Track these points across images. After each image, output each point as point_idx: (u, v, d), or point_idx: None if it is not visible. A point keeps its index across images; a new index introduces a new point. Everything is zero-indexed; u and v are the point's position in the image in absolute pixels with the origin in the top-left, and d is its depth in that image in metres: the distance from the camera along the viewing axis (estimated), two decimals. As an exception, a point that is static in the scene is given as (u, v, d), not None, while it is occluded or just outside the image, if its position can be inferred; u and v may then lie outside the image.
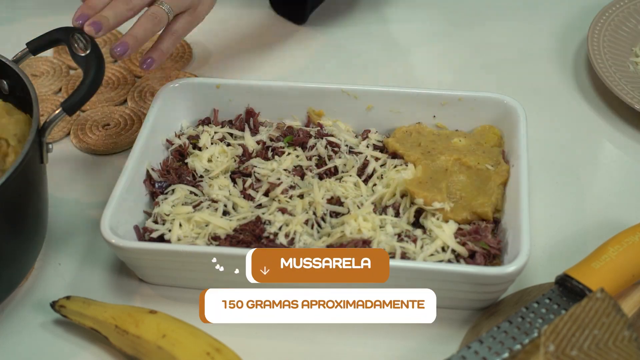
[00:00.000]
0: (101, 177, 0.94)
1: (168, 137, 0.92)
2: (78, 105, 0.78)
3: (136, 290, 0.82)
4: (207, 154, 0.89)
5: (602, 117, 1.01)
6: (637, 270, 0.75)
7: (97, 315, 0.76)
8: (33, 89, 0.79)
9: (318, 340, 0.77)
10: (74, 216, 0.89)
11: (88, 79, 0.78)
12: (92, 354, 0.77)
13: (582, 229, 0.87)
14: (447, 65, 1.09)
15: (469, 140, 0.90)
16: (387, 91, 0.91)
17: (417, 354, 0.76)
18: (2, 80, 0.83)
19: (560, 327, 0.68)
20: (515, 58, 1.10)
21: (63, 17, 1.15)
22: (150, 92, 1.04)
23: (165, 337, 0.72)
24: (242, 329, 0.76)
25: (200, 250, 0.77)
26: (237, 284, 0.75)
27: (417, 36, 1.14)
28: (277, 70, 1.08)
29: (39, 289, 0.82)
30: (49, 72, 1.08)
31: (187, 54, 1.11)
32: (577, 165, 0.94)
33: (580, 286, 0.73)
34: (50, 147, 0.79)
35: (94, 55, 0.80)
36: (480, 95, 0.91)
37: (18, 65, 0.81)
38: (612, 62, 1.03)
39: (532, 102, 0.97)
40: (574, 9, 1.17)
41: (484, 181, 0.85)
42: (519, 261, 0.73)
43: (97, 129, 0.99)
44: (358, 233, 0.80)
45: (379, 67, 1.10)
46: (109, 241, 0.76)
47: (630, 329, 0.68)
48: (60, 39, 0.83)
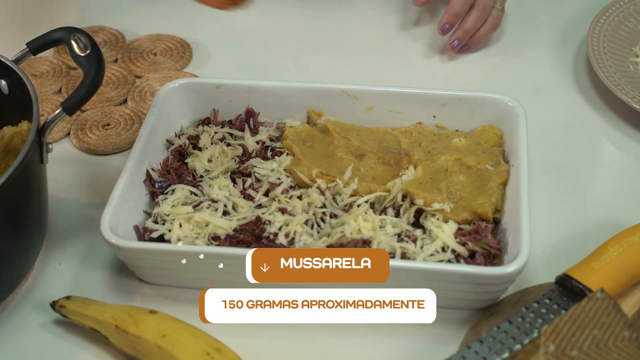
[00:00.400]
0: (101, 177, 0.94)
1: (168, 137, 0.92)
2: (78, 105, 0.78)
3: (136, 290, 0.82)
4: (207, 154, 0.89)
5: (602, 117, 1.01)
6: (637, 270, 0.75)
7: (97, 315, 0.76)
8: (33, 89, 0.79)
9: (318, 340, 0.77)
10: (74, 216, 0.89)
11: (88, 79, 0.78)
12: (92, 354, 0.77)
13: (582, 229, 0.87)
14: (447, 65, 1.09)
15: (469, 140, 0.90)
16: (387, 91, 0.91)
17: (417, 354, 0.76)
18: (2, 80, 0.82)
19: (560, 327, 0.68)
20: (516, 58, 1.10)
21: (62, 17, 1.15)
22: (150, 92, 1.04)
23: (165, 337, 0.72)
24: (242, 329, 0.76)
25: (200, 250, 0.77)
26: (237, 284, 0.75)
27: (417, 35, 1.14)
28: (277, 70, 1.08)
29: (39, 289, 0.82)
30: (49, 72, 1.08)
31: (187, 54, 1.11)
32: (577, 165, 0.94)
33: (580, 286, 0.73)
34: (50, 147, 0.79)
35: (94, 55, 0.80)
36: (480, 95, 0.91)
37: (18, 65, 0.81)
38: (612, 62, 1.03)
39: (532, 102, 0.97)
40: (574, 9, 1.17)
41: (484, 181, 0.85)
42: (519, 261, 0.73)
43: (97, 129, 0.99)
44: (358, 233, 0.80)
45: (379, 67, 1.10)
46: (109, 241, 0.76)
47: (630, 329, 0.68)
48: (61, 39, 0.83)
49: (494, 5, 1.07)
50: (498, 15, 1.08)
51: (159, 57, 1.10)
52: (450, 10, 1.06)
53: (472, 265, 0.75)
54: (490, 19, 1.07)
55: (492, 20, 1.07)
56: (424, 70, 1.09)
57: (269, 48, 1.12)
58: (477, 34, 1.07)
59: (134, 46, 1.12)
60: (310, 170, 0.85)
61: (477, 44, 1.08)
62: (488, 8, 1.06)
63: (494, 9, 1.07)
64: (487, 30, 1.08)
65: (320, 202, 0.83)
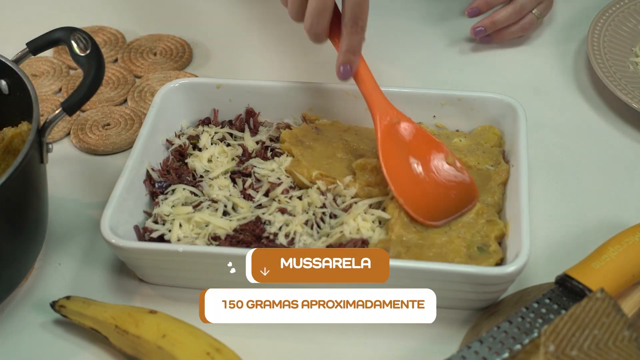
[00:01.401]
0: (101, 177, 0.94)
1: (168, 137, 0.92)
2: (78, 105, 0.78)
3: (136, 290, 0.82)
4: (207, 154, 0.89)
5: (602, 117, 1.01)
6: (637, 270, 0.75)
7: (97, 315, 0.76)
8: (33, 89, 0.79)
9: (318, 340, 0.77)
10: (74, 216, 0.89)
11: (88, 79, 0.78)
12: (92, 354, 0.77)
13: (582, 229, 0.87)
14: (447, 65, 1.09)
15: (469, 140, 0.90)
16: (387, 91, 0.91)
17: (417, 354, 0.76)
18: (2, 80, 0.82)
19: (560, 327, 0.68)
20: (516, 58, 1.10)
21: (62, 17, 1.15)
22: (150, 92, 1.04)
23: (165, 337, 0.72)
24: (242, 329, 0.76)
25: (200, 250, 0.77)
26: (237, 284, 0.75)
27: (417, 35, 1.14)
28: (277, 70, 1.08)
29: (39, 289, 0.82)
30: (49, 72, 1.08)
31: (187, 54, 1.11)
32: (577, 165, 0.94)
33: (580, 286, 0.73)
34: (51, 147, 0.79)
35: (94, 55, 0.80)
36: (480, 95, 0.91)
37: (18, 65, 0.81)
38: (612, 62, 1.03)
39: (532, 102, 0.97)
40: (574, 9, 1.17)
41: (485, 181, 0.85)
42: (519, 261, 0.73)
43: (97, 129, 0.99)
44: (357, 233, 0.80)
45: (379, 67, 1.09)
46: (109, 241, 0.76)
47: (630, 329, 0.68)
48: (61, 39, 0.83)
49: (532, 11, 1.06)
50: (532, 20, 1.07)
51: (159, 57, 1.10)
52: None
53: (472, 265, 0.75)
54: (522, 21, 1.06)
55: (524, 24, 1.07)
56: (424, 70, 1.09)
57: (268, 48, 1.12)
58: (506, 30, 1.07)
59: (134, 46, 1.12)
60: (310, 172, 0.85)
61: (501, 41, 1.08)
62: (525, 10, 1.06)
63: (530, 13, 1.06)
64: (516, 31, 1.07)
65: (320, 202, 0.83)
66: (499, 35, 1.08)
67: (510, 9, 1.05)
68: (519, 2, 1.05)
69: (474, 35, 1.08)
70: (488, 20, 1.06)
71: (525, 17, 1.07)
